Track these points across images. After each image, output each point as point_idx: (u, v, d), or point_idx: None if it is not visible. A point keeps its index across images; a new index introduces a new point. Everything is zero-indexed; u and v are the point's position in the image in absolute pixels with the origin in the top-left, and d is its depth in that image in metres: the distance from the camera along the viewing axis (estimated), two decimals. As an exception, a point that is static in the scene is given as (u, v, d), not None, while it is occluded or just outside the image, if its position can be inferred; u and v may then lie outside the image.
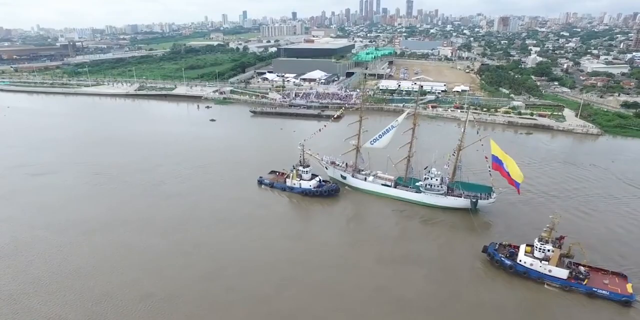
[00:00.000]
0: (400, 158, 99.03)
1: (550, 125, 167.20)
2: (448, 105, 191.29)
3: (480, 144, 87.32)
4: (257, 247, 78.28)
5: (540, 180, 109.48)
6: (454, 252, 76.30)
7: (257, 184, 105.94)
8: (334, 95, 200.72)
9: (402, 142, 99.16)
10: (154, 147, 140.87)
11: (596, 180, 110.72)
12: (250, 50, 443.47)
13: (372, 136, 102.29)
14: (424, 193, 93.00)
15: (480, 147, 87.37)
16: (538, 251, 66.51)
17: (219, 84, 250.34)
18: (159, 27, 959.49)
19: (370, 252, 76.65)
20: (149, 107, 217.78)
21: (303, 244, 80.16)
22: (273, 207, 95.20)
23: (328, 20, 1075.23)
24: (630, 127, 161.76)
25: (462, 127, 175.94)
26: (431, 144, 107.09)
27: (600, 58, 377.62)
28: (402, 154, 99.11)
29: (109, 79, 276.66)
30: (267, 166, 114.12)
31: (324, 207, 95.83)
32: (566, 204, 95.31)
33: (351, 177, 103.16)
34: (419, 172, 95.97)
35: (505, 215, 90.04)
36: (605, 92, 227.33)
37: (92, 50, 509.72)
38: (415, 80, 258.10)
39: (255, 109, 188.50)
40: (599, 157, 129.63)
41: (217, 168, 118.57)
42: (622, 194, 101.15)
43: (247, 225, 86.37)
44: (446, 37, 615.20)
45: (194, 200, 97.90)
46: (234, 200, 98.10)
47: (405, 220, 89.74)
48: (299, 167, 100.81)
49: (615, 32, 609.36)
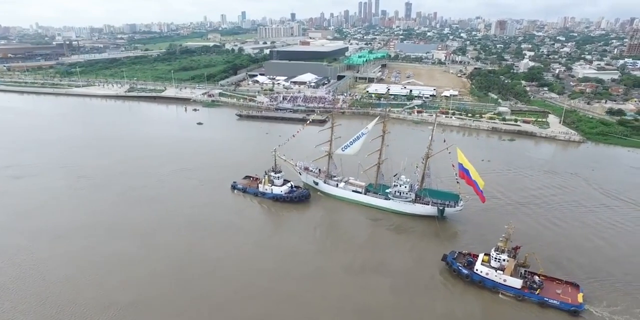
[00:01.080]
0: (372, 164, 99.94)
1: (534, 132, 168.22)
2: (434, 110, 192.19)
3: (448, 152, 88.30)
4: (226, 254, 78.97)
5: (515, 188, 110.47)
6: (418, 261, 77.20)
7: (231, 188, 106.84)
8: (321, 99, 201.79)
9: (375, 148, 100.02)
10: (140, 150, 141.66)
11: (571, 189, 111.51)
12: (246, 52, 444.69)
13: (345, 142, 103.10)
14: (392, 200, 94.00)
15: (449, 155, 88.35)
16: (494, 261, 67.63)
17: (208, 86, 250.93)
18: (158, 27, 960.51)
19: (339, 261, 77.35)
20: (138, 109, 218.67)
21: (272, 251, 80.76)
22: (244, 213, 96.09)
23: (327, 21, 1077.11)
24: (612, 135, 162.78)
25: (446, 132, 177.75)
26: (408, 150, 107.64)
27: (593, 63, 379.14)
28: (374, 160, 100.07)
29: (100, 79, 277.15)
30: (246, 170, 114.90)
31: (294, 214, 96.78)
32: (535, 213, 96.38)
33: (323, 183, 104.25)
34: (389, 178, 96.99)
35: (473, 223, 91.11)
36: (592, 99, 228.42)
37: (88, 49, 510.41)
38: (405, 85, 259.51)
39: (241, 113, 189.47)
40: (579, 165, 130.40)
41: (197, 172, 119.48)
42: (592, 204, 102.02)
43: (218, 231, 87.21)
44: (442, 40, 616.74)
45: (170, 206, 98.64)
46: (208, 205, 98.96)
47: (374, 228, 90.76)
48: (270, 172, 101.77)
49: (611, 37, 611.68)
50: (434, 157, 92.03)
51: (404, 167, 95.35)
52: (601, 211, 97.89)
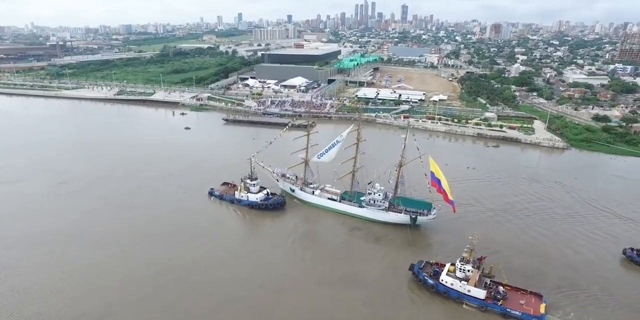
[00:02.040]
0: (348, 172, 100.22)
1: (518, 138, 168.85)
2: (421, 115, 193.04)
3: (420, 161, 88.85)
4: (200, 264, 78.93)
5: (494, 196, 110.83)
6: (388, 271, 77.45)
7: (208, 195, 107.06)
8: (309, 103, 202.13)
9: (353, 155, 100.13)
10: (125, 155, 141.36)
11: (550, 197, 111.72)
12: (239, 54, 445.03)
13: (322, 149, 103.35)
14: (366, 208, 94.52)
15: (421, 164, 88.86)
16: (459, 271, 68.21)
17: (197, 89, 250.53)
18: (154, 28, 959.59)
19: (313, 272, 77.46)
20: (127, 112, 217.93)
21: (245, 260, 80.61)
22: (220, 221, 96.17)
23: (323, 23, 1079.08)
24: (595, 142, 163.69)
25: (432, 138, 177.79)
26: (388, 156, 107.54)
27: (584, 68, 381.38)
28: (350, 168, 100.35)
29: (91, 82, 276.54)
30: (228, 176, 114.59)
31: (269, 222, 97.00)
32: (509, 221, 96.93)
33: (299, 190, 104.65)
34: (365, 186, 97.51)
35: (446, 231, 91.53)
36: (580, 104, 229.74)
37: (81, 50, 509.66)
38: (394, 89, 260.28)
39: (228, 117, 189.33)
40: (562, 173, 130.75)
41: (179, 177, 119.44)
42: (568, 212, 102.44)
43: (193, 240, 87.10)
44: (437, 43, 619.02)
45: (149, 212, 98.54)
46: (186, 212, 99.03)
47: (348, 236, 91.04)
48: (247, 179, 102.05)
49: (604, 42, 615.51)
50: (409, 165, 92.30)
51: (378, 175, 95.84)
52: (575, 220, 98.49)
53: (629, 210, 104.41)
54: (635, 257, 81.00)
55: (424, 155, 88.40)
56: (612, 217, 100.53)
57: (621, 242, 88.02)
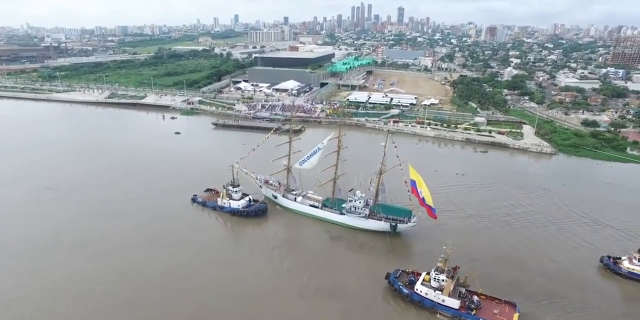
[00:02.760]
0: (329, 179, 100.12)
1: (507, 143, 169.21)
2: (410, 120, 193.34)
3: (400, 168, 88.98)
4: (181, 273, 78.59)
5: (479, 204, 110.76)
6: (366, 279, 77.36)
7: (191, 202, 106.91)
8: (299, 107, 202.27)
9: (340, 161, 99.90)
10: (113, 161, 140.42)
11: (536, 205, 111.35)
12: (234, 57, 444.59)
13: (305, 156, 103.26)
14: (347, 215, 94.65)
15: (401, 171, 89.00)
16: (434, 281, 68.44)
17: (189, 93, 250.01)
18: (150, 29, 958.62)
19: (292, 281, 77.23)
20: (117, 116, 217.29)
21: (225, 270, 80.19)
22: (202, 229, 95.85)
23: (319, 25, 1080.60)
24: (583, 147, 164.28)
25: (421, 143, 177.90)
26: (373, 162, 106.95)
27: (577, 72, 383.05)
28: (331, 174, 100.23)
29: (82, 85, 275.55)
30: (213, 182, 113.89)
31: (250, 229, 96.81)
32: (490, 229, 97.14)
33: (282, 196, 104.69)
34: (346, 193, 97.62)
35: (427, 239, 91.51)
36: (570, 109, 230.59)
37: (75, 52, 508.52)
38: (386, 93, 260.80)
39: (218, 122, 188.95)
40: (549, 179, 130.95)
41: (165, 184, 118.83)
42: (550, 220, 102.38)
43: (173, 248, 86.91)
44: (432, 46, 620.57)
45: (132, 221, 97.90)
46: (169, 220, 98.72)
47: (329, 244, 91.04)
48: (229, 186, 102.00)
49: (598, 45, 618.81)
50: (391, 172, 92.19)
51: (359, 182, 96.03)
52: (557, 228, 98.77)
53: (612, 217, 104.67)
54: (612, 265, 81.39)
55: (404, 163, 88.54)
56: (594, 225, 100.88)
57: (601, 250, 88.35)
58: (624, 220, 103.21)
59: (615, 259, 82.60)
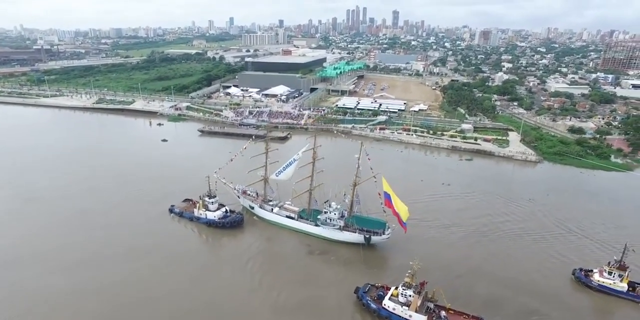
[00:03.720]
0: (305, 190, 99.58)
1: (492, 151, 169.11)
2: (397, 127, 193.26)
3: (374, 181, 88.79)
4: (150, 287, 77.91)
5: (459, 214, 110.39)
6: (337, 294, 76.86)
7: (168, 212, 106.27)
8: (286, 114, 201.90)
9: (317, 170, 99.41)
10: (96, 169, 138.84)
11: (517, 215, 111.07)
12: (226, 60, 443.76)
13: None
14: (321, 227, 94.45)
15: (377, 183, 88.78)
16: (401, 296, 68.32)
17: (178, 98, 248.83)
18: (144, 32, 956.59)
19: (265, 296, 76.52)
20: (105, 122, 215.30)
21: (200, 284, 79.40)
22: (177, 241, 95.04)
23: (314, 28, 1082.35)
24: (567, 155, 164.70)
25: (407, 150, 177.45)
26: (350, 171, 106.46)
27: (567, 77, 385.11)
28: (308, 185, 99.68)
29: (71, 89, 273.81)
30: (193, 192, 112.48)
31: (226, 241, 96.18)
32: (466, 241, 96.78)
33: (259, 207, 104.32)
34: (322, 204, 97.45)
35: (402, 251, 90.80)
36: (558, 115, 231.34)
37: (68, 55, 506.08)
38: (375, 98, 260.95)
39: (204, 128, 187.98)
40: (532, 189, 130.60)
41: (146, 194, 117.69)
42: (528, 232, 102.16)
43: (145, 261, 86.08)
44: (425, 50, 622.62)
45: (111, 233, 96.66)
46: (144, 231, 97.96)
47: (304, 257, 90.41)
48: (205, 197, 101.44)
49: (590, 50, 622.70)
50: (367, 183, 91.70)
51: (335, 193, 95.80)
52: (534, 239, 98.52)
53: (590, 228, 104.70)
54: (583, 278, 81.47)
55: (377, 175, 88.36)
56: (571, 236, 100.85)
57: (574, 262, 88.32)
58: (600, 231, 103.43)
59: (587, 272, 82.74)
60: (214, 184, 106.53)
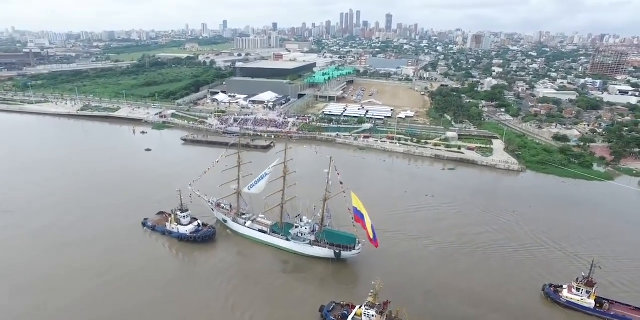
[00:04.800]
0: (277, 204, 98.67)
1: (475, 160, 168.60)
2: (381, 135, 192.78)
3: (343, 196, 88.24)
4: (117, 307, 76.35)
5: (435, 226, 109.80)
6: (306, 312, 76.19)
7: (142, 225, 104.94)
8: (271, 122, 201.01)
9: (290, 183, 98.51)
10: (76, 181, 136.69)
11: (497, 228, 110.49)
12: (217, 65, 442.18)
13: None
14: (292, 241, 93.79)
15: (344, 199, 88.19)
16: (365, 316, 67.70)
17: (163, 105, 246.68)
18: (138, 35, 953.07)
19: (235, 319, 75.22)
20: (90, 130, 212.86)
21: (167, 305, 77.87)
22: (147, 257, 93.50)
23: (308, 31, 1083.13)
24: (550, 163, 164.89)
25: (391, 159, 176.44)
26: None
27: (557, 82, 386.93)
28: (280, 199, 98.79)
29: (56, 95, 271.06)
30: (170, 204, 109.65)
31: (197, 256, 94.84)
32: (438, 255, 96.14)
33: (232, 221, 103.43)
34: (295, 218, 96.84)
35: (374, 266, 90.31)
36: (544, 122, 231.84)
37: (57, 58, 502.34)
38: (363, 105, 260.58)
39: (187, 137, 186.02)
40: (515, 200, 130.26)
41: (122, 207, 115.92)
42: (501, 246, 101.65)
43: (115, 279, 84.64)
44: (417, 53, 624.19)
45: (83, 249, 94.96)
46: (115, 245, 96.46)
47: (275, 273, 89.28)
48: (177, 211, 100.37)
49: (580, 54, 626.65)
50: (339, 197, 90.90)
51: (307, 207, 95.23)
52: (510, 254, 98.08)
53: (563, 240, 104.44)
54: (552, 294, 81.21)
55: (347, 190, 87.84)
56: (544, 249, 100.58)
57: (548, 277, 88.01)
58: (575, 244, 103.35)
59: (556, 288, 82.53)
60: (189, 197, 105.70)
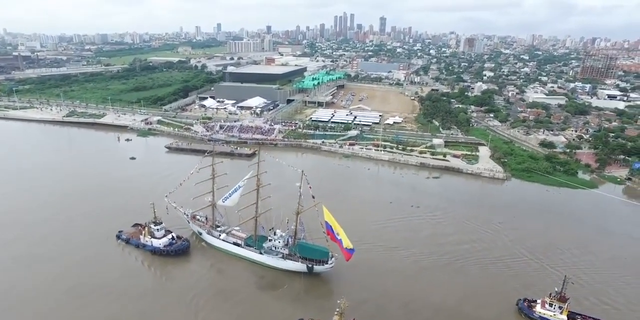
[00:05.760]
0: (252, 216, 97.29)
1: (460, 168, 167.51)
2: (367, 142, 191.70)
3: (315, 210, 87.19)
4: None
5: (416, 238, 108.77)
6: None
7: (116, 238, 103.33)
8: (257, 129, 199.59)
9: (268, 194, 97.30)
10: (51, 191, 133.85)
11: (478, 239, 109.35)
12: (209, 69, 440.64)
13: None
14: (265, 255, 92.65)
15: (318, 212, 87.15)
16: (332, 337, 66.69)
17: (150, 111, 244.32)
18: (131, 37, 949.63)
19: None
20: (75, 137, 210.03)
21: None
22: (119, 271, 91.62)
23: (302, 34, 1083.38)
24: (535, 171, 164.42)
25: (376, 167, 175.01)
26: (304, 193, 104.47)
27: (547, 86, 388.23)
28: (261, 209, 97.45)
29: (42, 101, 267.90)
30: (146, 216, 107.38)
31: (170, 270, 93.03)
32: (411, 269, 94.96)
33: (206, 233, 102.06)
34: (268, 231, 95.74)
35: (350, 281, 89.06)
36: (532, 128, 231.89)
37: (48, 62, 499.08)
38: (351, 110, 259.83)
39: (171, 145, 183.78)
40: (498, 209, 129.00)
41: (98, 219, 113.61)
42: (478, 259, 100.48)
43: (85, 297, 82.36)
44: (410, 57, 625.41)
45: (56, 265, 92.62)
46: (85, 259, 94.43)
47: (248, 289, 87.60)
48: (150, 224, 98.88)
49: (571, 57, 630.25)
50: (311, 211, 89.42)
51: (281, 220, 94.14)
52: (488, 266, 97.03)
53: (541, 252, 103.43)
54: (526, 309, 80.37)
55: (318, 204, 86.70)
56: (522, 262, 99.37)
57: (523, 291, 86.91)
58: (552, 255, 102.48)
59: (530, 302, 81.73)
60: (165, 209, 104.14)
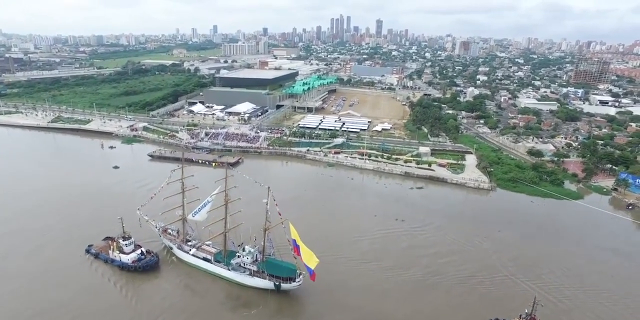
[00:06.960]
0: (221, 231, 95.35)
1: (445, 178, 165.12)
2: (353, 150, 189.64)
3: (282, 226, 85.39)
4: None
5: (397, 253, 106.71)
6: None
7: (85, 252, 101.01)
8: (242, 136, 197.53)
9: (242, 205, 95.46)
10: (25, 201, 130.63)
11: (460, 255, 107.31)
12: (202, 72, 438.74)
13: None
14: (233, 271, 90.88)
15: (283, 230, 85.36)
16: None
17: (136, 116, 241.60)
18: (126, 39, 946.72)
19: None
20: (60, 143, 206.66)
21: None
22: (84, 288, 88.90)
23: (298, 37, 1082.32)
24: (521, 181, 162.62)
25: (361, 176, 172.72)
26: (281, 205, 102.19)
27: (540, 90, 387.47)
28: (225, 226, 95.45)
29: (28, 105, 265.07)
30: (119, 229, 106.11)
31: (137, 287, 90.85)
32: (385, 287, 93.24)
33: (177, 248, 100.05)
34: (238, 247, 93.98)
35: (322, 299, 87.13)
36: (521, 135, 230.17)
37: (40, 64, 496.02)
38: (340, 116, 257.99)
39: (154, 153, 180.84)
40: (483, 222, 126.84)
41: (69, 231, 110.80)
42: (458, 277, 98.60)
43: (43, 316, 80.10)
44: (405, 60, 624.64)
45: (24, 285, 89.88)
46: (53, 277, 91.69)
47: (217, 308, 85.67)
48: (119, 239, 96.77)
49: (566, 61, 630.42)
50: (280, 228, 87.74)
51: (250, 235, 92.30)
52: (464, 285, 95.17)
53: (517, 270, 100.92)
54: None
55: (285, 222, 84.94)
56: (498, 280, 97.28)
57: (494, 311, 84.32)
58: (529, 272, 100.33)
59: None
60: (138, 221, 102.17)
